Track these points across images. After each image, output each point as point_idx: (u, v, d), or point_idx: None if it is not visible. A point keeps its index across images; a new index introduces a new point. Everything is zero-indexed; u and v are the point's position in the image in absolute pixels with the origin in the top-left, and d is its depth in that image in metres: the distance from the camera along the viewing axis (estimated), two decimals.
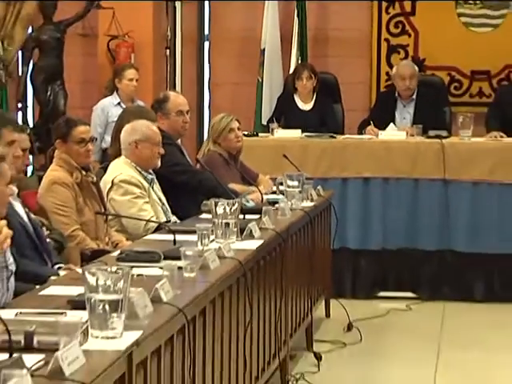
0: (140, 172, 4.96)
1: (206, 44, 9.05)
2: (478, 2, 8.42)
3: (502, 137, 6.98)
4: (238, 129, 5.72)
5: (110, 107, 7.42)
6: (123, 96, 7.54)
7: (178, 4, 8.78)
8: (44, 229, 4.17)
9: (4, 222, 3.09)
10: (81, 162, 4.63)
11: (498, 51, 8.46)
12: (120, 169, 5.03)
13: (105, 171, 5.17)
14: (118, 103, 7.44)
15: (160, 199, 5.11)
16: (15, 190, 3.80)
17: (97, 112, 7.46)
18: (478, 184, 7.01)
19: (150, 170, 5.06)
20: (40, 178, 4.85)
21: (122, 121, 5.42)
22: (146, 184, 4.97)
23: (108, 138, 6.25)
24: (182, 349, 2.88)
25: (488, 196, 7.03)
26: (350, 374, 5.52)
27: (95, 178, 4.89)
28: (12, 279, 3.44)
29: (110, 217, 4.83)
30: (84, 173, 4.74)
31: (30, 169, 6.43)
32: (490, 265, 6.89)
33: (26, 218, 3.89)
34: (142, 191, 4.92)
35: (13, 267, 3.50)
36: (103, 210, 4.80)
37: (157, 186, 5.13)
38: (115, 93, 7.61)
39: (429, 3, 8.47)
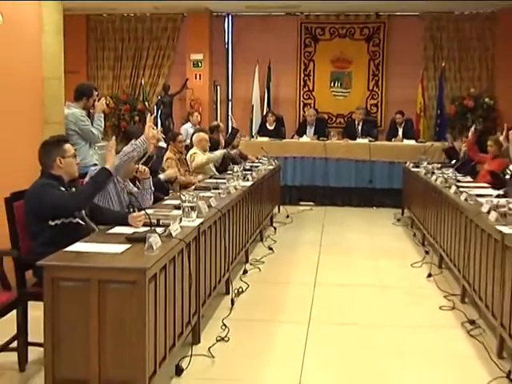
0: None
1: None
2: (339, 86, 13.63)
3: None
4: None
5: (188, 128, 11.46)
6: (194, 122, 11.89)
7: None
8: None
9: (143, 167, 5.53)
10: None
11: (347, 107, 13.69)
12: (194, 150, 8.46)
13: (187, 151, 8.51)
14: (191, 127, 11.50)
15: None
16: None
17: (184, 128, 11.57)
18: (376, 162, 11.86)
19: None
20: None
21: (193, 134, 9.00)
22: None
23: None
24: (179, 268, 4.59)
25: (383, 167, 11.87)
26: (289, 235, 9.46)
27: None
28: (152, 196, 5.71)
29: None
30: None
31: None
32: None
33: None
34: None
35: (152, 189, 5.70)
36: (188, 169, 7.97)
37: None
38: (190, 121, 11.98)
39: (323, 87, 13.70)
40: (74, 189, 4.77)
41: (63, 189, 4.56)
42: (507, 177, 7.92)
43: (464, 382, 4.53)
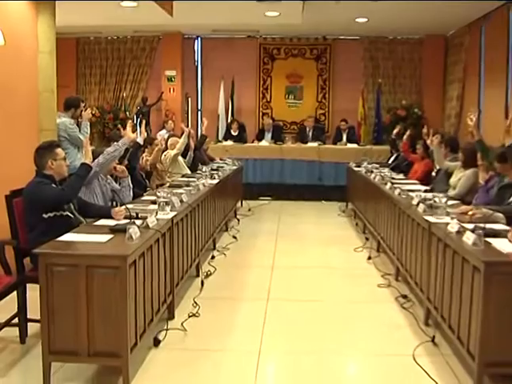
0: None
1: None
2: (293, 98, 13.74)
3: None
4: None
5: (163, 134, 11.03)
6: (169, 129, 12.04)
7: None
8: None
9: (121, 167, 5.62)
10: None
11: (299, 115, 13.65)
12: (167, 151, 8.46)
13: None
14: (166, 133, 11.42)
15: None
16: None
17: (160, 133, 11.43)
18: (324, 162, 11.91)
19: None
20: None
21: (168, 138, 8.92)
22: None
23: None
24: (156, 254, 4.66)
25: (330, 167, 11.90)
26: (250, 225, 9.39)
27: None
28: (131, 192, 5.86)
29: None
30: None
31: None
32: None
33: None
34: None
35: (131, 186, 5.86)
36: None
37: None
38: (165, 128, 12.21)
39: (279, 98, 13.76)
40: None
41: (54, 186, 4.59)
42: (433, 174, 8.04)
43: (398, 346, 4.59)
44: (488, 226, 4.26)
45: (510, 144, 5.66)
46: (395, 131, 10.69)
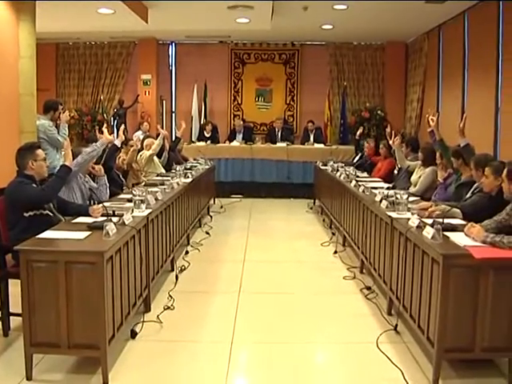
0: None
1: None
2: (262, 100, 13.74)
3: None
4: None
5: (139, 135, 10.99)
6: (144, 130, 11.93)
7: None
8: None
9: (99, 166, 5.61)
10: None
11: (268, 117, 13.66)
12: (143, 151, 8.30)
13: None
14: (142, 134, 11.35)
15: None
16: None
17: (136, 135, 11.35)
18: (292, 162, 11.95)
19: None
20: None
21: (143, 139, 8.72)
22: None
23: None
24: (132, 250, 4.67)
25: (298, 166, 11.93)
26: (223, 222, 9.47)
27: None
28: (108, 190, 5.79)
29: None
30: None
31: None
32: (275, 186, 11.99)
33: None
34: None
35: (107, 184, 5.78)
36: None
37: None
38: (140, 129, 12.12)
39: (249, 101, 13.77)
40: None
41: (35, 186, 4.55)
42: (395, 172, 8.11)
43: (362, 334, 4.63)
44: (446, 220, 4.32)
45: (464, 145, 5.72)
46: (358, 132, 10.83)
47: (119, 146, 6.74)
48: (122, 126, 8.20)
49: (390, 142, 8.06)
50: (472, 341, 3.67)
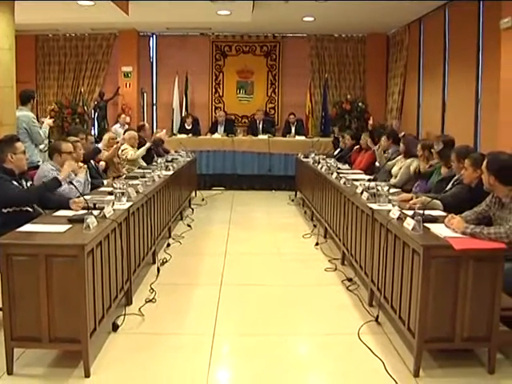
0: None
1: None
2: (244, 92, 13.72)
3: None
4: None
5: (117, 128, 11.49)
6: (122, 123, 11.88)
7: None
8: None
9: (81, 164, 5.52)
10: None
11: (250, 109, 13.67)
12: (125, 146, 8.30)
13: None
14: (120, 126, 11.63)
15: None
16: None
17: (114, 127, 11.65)
18: (274, 154, 12.00)
19: None
20: None
21: (125, 132, 8.86)
22: None
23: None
24: (113, 243, 4.64)
25: (280, 158, 12.02)
26: (204, 214, 9.35)
27: None
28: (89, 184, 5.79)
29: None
30: None
31: None
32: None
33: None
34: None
35: (89, 180, 5.82)
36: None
37: None
38: (118, 122, 12.03)
39: (231, 93, 13.69)
40: (23, 180, 4.75)
41: (15, 182, 4.52)
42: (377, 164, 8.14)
43: (344, 325, 4.66)
44: (426, 212, 4.34)
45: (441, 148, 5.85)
46: (336, 131, 10.99)
47: (101, 149, 6.65)
48: (96, 127, 8.19)
49: (375, 148, 8.11)
50: (452, 331, 3.71)
